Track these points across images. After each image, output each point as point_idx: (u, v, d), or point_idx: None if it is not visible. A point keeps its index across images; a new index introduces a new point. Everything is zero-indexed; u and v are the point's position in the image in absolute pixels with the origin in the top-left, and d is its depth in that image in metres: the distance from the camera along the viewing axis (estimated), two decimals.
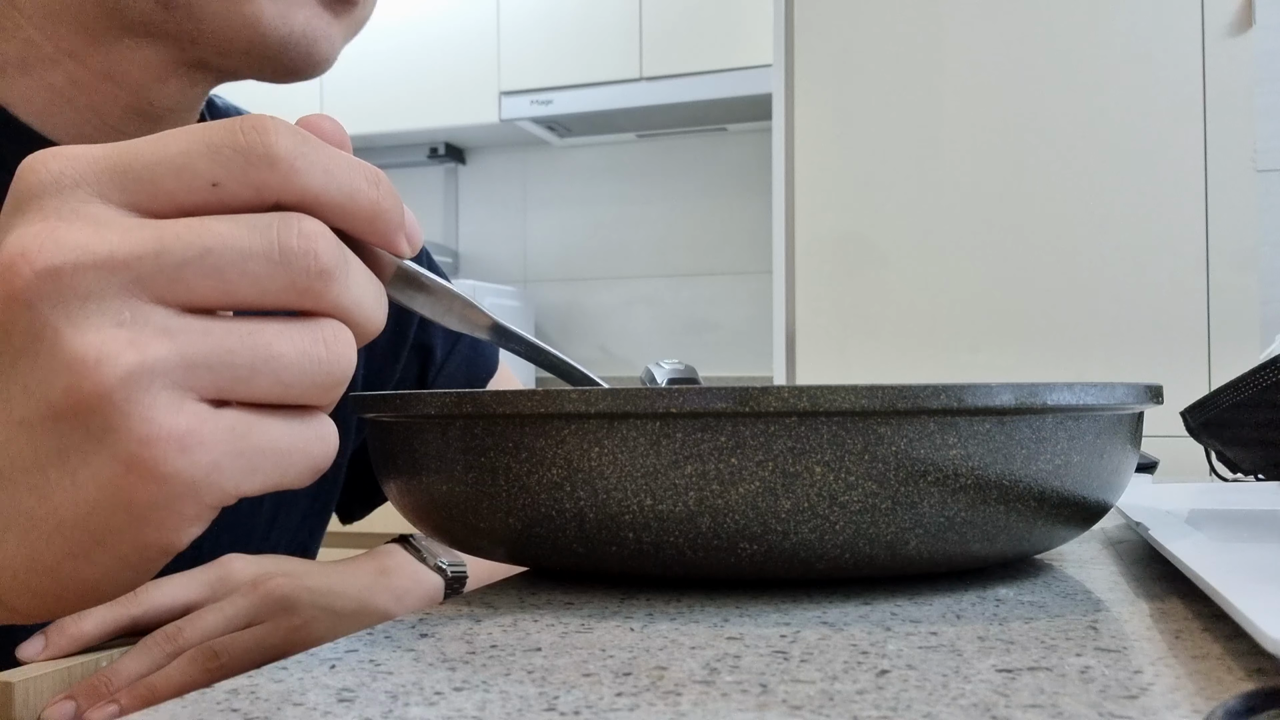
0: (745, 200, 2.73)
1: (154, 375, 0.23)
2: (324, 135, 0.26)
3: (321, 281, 0.24)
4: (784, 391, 0.31)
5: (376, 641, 0.30)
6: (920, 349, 1.50)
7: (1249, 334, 1.37)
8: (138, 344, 0.23)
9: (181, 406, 0.23)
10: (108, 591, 0.26)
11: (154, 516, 0.24)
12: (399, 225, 0.27)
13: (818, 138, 1.56)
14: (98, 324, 0.23)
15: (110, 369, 0.22)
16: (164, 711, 0.24)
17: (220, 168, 0.24)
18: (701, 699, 0.24)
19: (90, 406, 0.23)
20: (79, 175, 0.24)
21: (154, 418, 0.23)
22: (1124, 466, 0.38)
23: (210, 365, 0.23)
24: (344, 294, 0.25)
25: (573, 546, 0.34)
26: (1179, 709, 0.23)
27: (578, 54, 2.56)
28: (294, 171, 0.24)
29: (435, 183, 2.99)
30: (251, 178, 0.24)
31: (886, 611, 0.33)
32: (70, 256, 0.23)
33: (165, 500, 0.23)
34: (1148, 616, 0.32)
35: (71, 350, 0.22)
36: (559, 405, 0.32)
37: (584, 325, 2.89)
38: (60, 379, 0.23)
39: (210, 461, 0.23)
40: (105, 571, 0.25)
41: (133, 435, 0.23)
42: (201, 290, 0.24)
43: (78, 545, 0.24)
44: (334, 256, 0.25)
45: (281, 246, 0.24)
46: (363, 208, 0.26)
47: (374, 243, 0.27)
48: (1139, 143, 1.43)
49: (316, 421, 0.26)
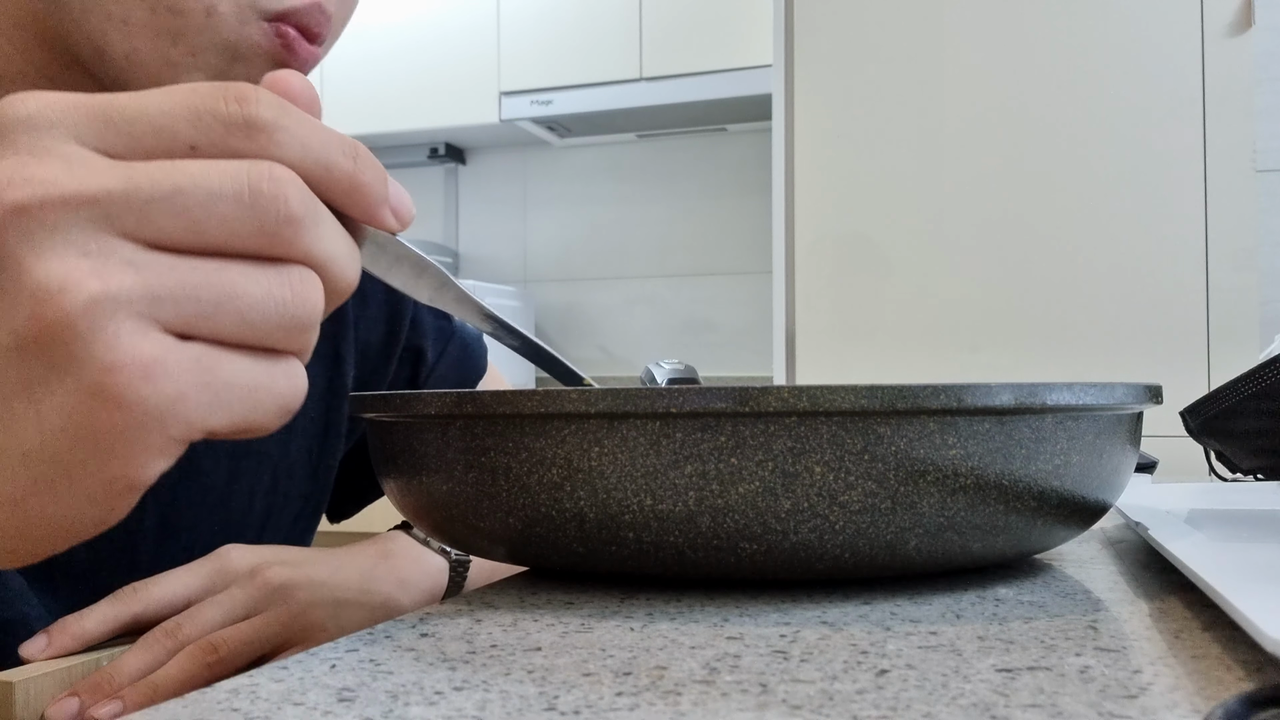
0: (745, 200, 2.73)
1: (117, 304, 0.23)
2: (294, 95, 0.27)
3: (290, 228, 0.25)
4: (784, 391, 0.31)
5: (376, 641, 0.30)
6: (920, 349, 1.50)
7: (1249, 334, 1.37)
8: (102, 274, 0.23)
9: (146, 335, 0.23)
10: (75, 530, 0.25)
11: (119, 447, 0.24)
12: (380, 199, 0.27)
13: (818, 138, 1.56)
14: (62, 254, 0.23)
15: (73, 296, 0.22)
16: (165, 711, 0.24)
17: (200, 133, 0.24)
18: (701, 699, 0.24)
19: (53, 334, 0.23)
20: (56, 116, 0.24)
21: (118, 345, 0.23)
22: (1123, 466, 0.38)
23: (175, 299, 0.24)
24: (314, 243, 0.25)
25: (573, 546, 0.34)
26: (1178, 709, 0.23)
27: (578, 54, 2.56)
28: (272, 143, 0.25)
29: (435, 183, 2.99)
30: (230, 145, 0.25)
31: (886, 611, 0.33)
32: (39, 191, 0.23)
33: (130, 429, 0.23)
34: (1147, 616, 0.32)
35: (35, 279, 0.23)
36: (559, 405, 0.32)
37: (584, 325, 2.89)
38: (24, 308, 0.23)
39: (175, 391, 0.23)
40: (71, 507, 0.25)
41: (96, 362, 0.23)
42: (170, 229, 0.24)
43: (43, 478, 0.24)
44: (304, 204, 0.25)
45: (252, 190, 0.24)
46: (339, 180, 0.26)
47: (356, 216, 0.27)
48: (1139, 143, 1.43)
49: (285, 363, 0.26)
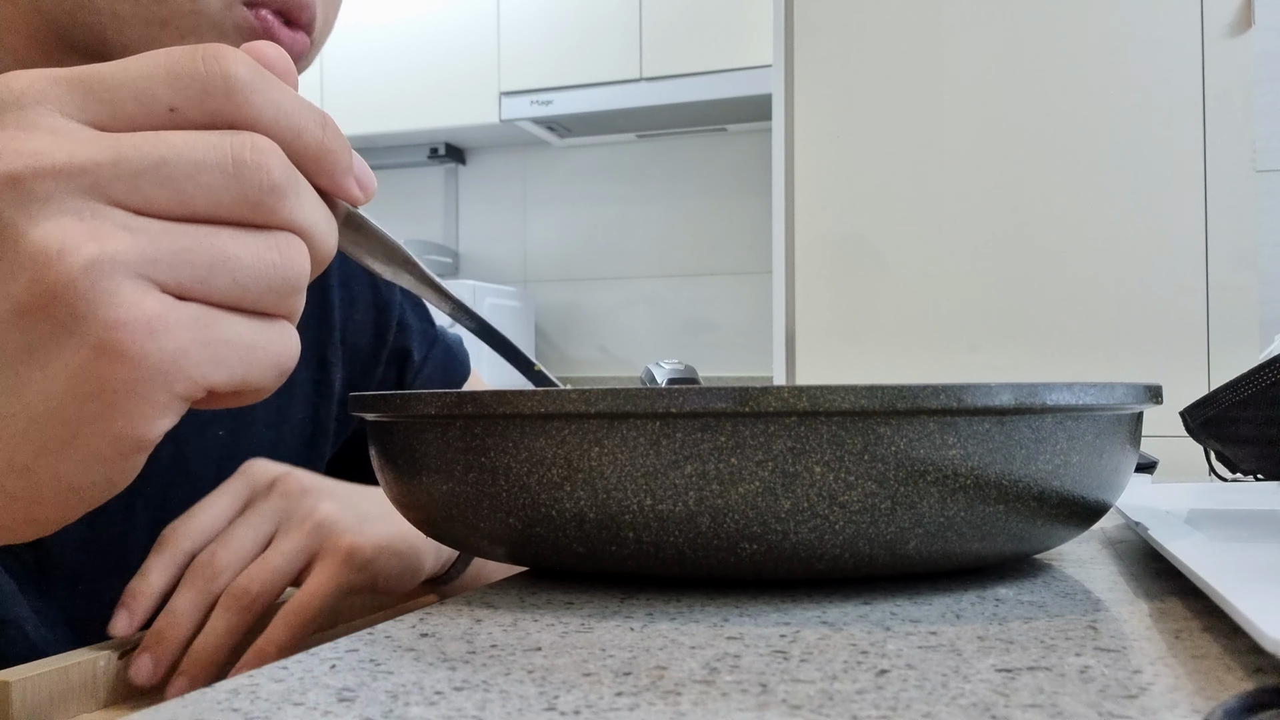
0: (745, 200, 2.73)
1: (116, 265, 0.23)
2: (270, 63, 0.27)
3: (273, 196, 0.25)
4: (784, 391, 0.31)
5: (376, 641, 0.30)
6: (920, 349, 1.50)
7: (1249, 334, 1.37)
8: (99, 236, 0.24)
9: (146, 294, 0.24)
10: (85, 493, 0.26)
11: (125, 403, 0.24)
12: (346, 168, 0.28)
13: (818, 138, 1.56)
14: (58, 220, 0.23)
15: (73, 258, 0.23)
16: (165, 711, 0.24)
17: (179, 94, 0.25)
18: (701, 699, 0.24)
19: (55, 296, 0.23)
20: (41, 93, 0.25)
21: (120, 302, 0.23)
22: (1123, 466, 0.38)
23: (170, 261, 0.24)
24: (296, 211, 0.26)
25: (573, 546, 0.34)
26: (1178, 709, 0.23)
27: (578, 54, 2.56)
28: (247, 104, 0.26)
29: (435, 183, 2.99)
30: (208, 105, 0.25)
31: (886, 611, 0.33)
32: (30, 163, 0.23)
33: (136, 384, 0.24)
34: (1147, 616, 0.32)
35: (33, 244, 0.23)
36: (559, 405, 0.32)
37: (584, 325, 2.89)
38: (24, 273, 0.23)
39: (177, 347, 0.24)
40: (80, 467, 0.25)
41: (100, 320, 0.23)
42: (158, 199, 0.24)
43: (52, 439, 0.24)
44: (285, 174, 0.26)
45: (235, 159, 0.25)
46: (309, 145, 0.27)
47: (322, 185, 0.28)
48: (1138, 143, 1.43)
49: (279, 325, 0.27)
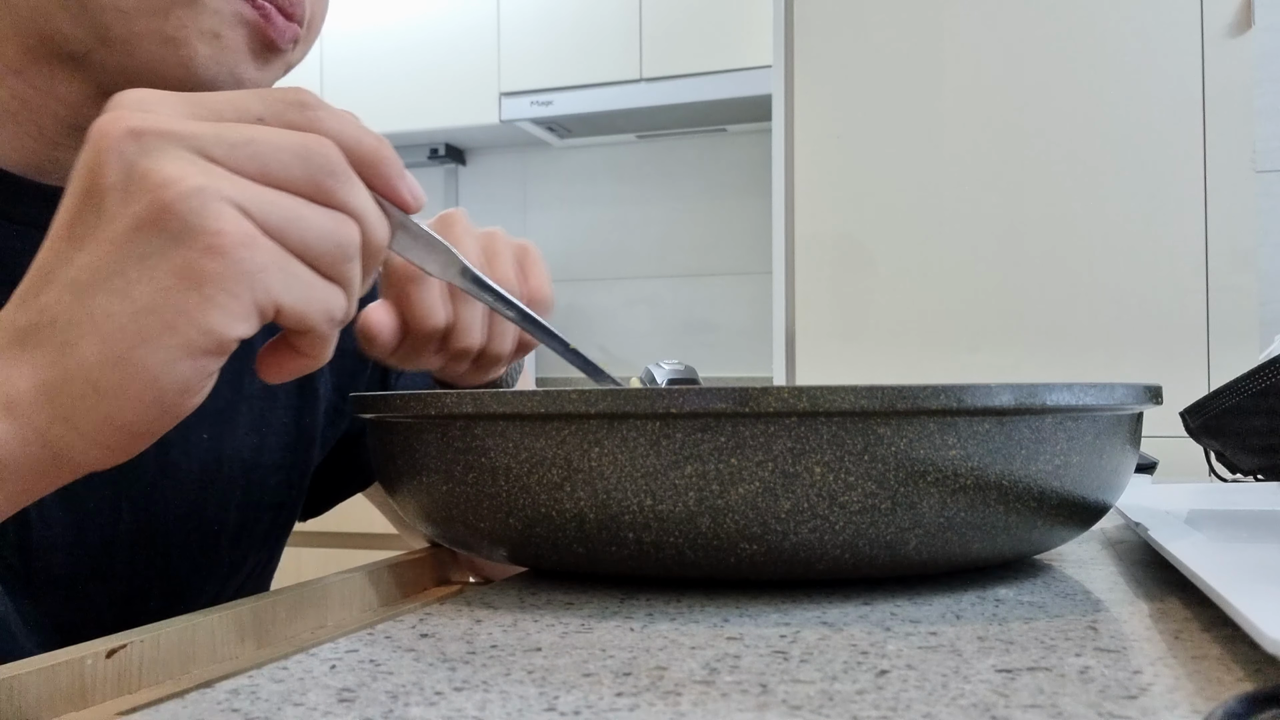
0: (745, 201, 2.73)
1: (220, 192, 0.29)
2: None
3: (332, 179, 0.32)
4: (784, 392, 0.31)
5: (376, 641, 0.30)
6: (920, 349, 1.50)
7: (1248, 334, 1.37)
8: (206, 172, 0.30)
9: (242, 218, 0.30)
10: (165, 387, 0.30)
11: (218, 296, 0.29)
12: (399, 174, 0.35)
13: (818, 138, 1.56)
14: (174, 159, 0.30)
15: (187, 183, 0.29)
16: (165, 711, 0.24)
17: (266, 108, 0.32)
18: (701, 699, 0.24)
19: (171, 210, 0.29)
20: (156, 99, 0.31)
21: (222, 217, 0.29)
22: (1123, 467, 0.38)
23: (258, 203, 0.30)
24: (350, 196, 0.32)
25: (573, 546, 0.34)
26: (1178, 709, 0.23)
27: (578, 55, 2.56)
28: (317, 118, 0.33)
29: (435, 183, 2.99)
30: (287, 117, 0.32)
31: (886, 611, 0.33)
32: (150, 121, 0.30)
33: (228, 281, 0.29)
34: (1147, 617, 0.32)
35: (153, 174, 0.29)
36: (559, 405, 0.32)
37: (584, 326, 2.89)
38: (145, 195, 0.29)
39: (264, 262, 0.30)
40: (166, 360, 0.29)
41: (206, 229, 0.29)
42: (246, 167, 0.31)
43: (150, 328, 0.29)
44: (341, 166, 0.32)
45: (305, 147, 0.32)
46: (366, 152, 0.34)
47: (377, 186, 0.34)
48: (1138, 143, 1.43)
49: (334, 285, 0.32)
